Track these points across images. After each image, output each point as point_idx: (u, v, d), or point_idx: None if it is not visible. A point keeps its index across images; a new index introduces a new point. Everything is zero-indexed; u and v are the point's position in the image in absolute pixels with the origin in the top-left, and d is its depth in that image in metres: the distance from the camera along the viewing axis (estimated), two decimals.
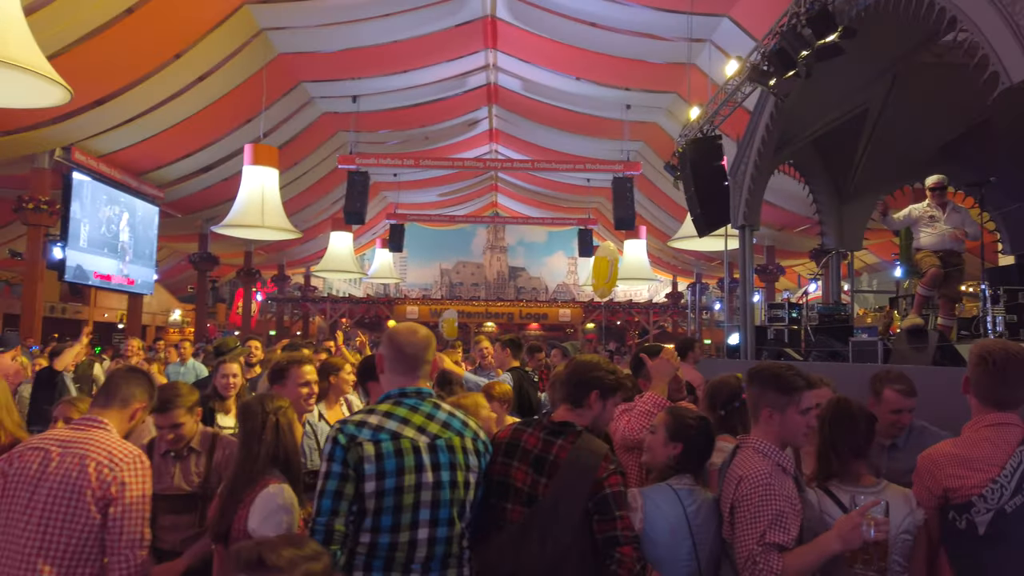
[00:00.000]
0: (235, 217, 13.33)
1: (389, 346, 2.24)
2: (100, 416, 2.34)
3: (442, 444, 2.13)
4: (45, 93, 5.88)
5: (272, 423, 2.42)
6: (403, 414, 2.13)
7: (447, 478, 2.10)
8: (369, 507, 2.00)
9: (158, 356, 9.52)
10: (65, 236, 13.64)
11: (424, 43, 14.99)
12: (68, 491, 2.14)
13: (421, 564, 2.05)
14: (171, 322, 26.71)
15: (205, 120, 15.00)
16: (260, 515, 2.21)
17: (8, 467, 2.21)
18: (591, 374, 2.40)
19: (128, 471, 2.21)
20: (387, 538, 2.01)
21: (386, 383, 2.24)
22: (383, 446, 2.04)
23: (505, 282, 38.80)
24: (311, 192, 21.56)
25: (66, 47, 10.60)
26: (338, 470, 2.01)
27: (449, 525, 2.09)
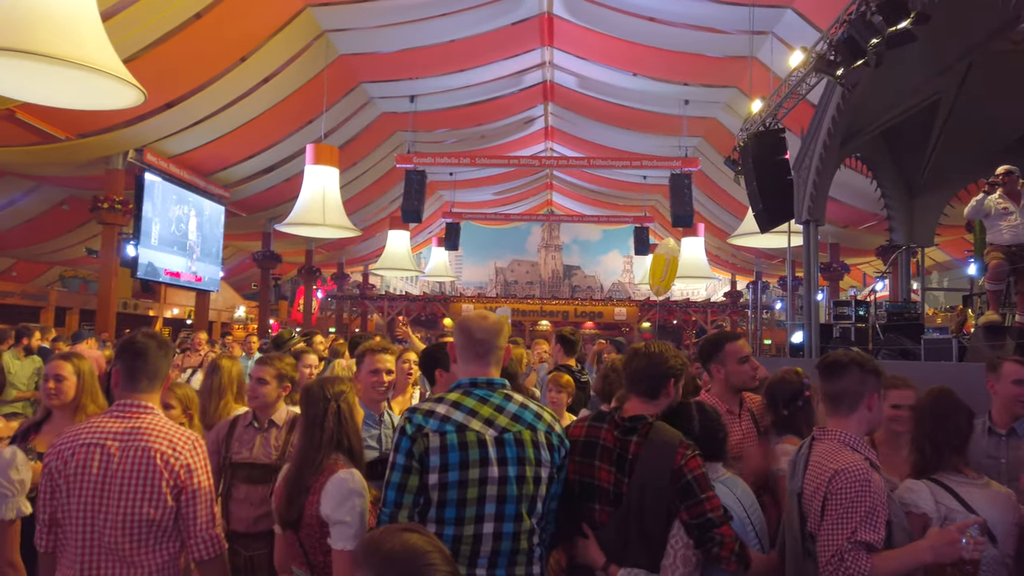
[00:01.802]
0: (297, 216, 13.65)
1: (460, 333, 2.24)
2: (144, 400, 2.30)
3: (510, 438, 2.10)
4: (121, 95, 6.13)
5: (334, 409, 2.41)
6: (471, 405, 2.12)
7: (513, 473, 2.06)
8: (433, 498, 2.01)
9: (226, 351, 9.82)
10: (137, 235, 14.19)
11: (481, 42, 15.07)
12: (142, 484, 2.15)
13: (487, 559, 2.03)
14: (236, 318, 27.51)
15: (269, 121, 15.40)
16: (334, 500, 2.23)
17: (63, 465, 2.18)
18: (667, 364, 2.36)
19: (191, 455, 2.23)
20: (451, 530, 2.00)
21: (458, 372, 2.23)
22: (448, 438, 2.03)
23: (560, 280, 38.70)
24: (370, 191, 21.92)
25: (139, 51, 11.02)
26: (403, 462, 2.02)
27: (516, 520, 2.06)
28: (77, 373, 3.01)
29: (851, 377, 2.25)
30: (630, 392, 2.39)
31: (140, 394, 2.28)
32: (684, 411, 2.43)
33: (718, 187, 19.60)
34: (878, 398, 2.24)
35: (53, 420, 3.01)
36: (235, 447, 2.99)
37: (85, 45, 5.57)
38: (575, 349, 5.40)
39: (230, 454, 2.98)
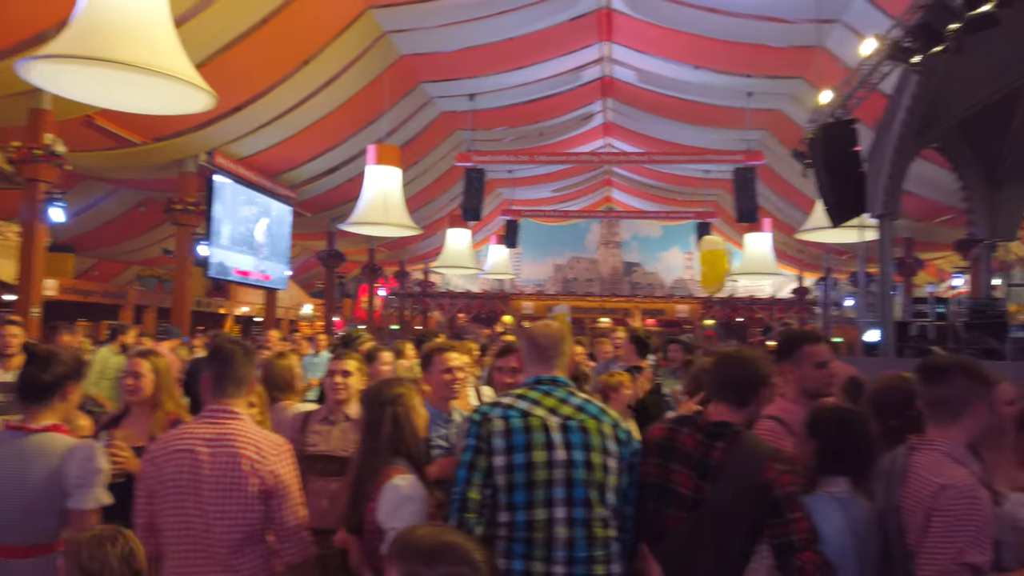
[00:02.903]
0: (360, 215, 13.89)
1: (525, 340, 2.30)
2: (231, 405, 2.34)
3: (574, 425, 2.12)
4: (194, 100, 6.33)
5: (390, 414, 2.40)
6: (535, 396, 2.16)
7: (580, 458, 2.07)
8: (501, 482, 2.03)
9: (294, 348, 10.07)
10: (209, 235, 14.69)
11: (539, 39, 15.03)
12: (231, 489, 2.20)
13: (564, 548, 2.02)
14: (302, 316, 28.24)
15: (332, 123, 15.70)
16: (387, 508, 2.24)
17: (158, 471, 2.26)
18: (759, 371, 2.28)
19: (278, 460, 2.27)
20: (523, 516, 2.02)
21: (524, 376, 2.30)
22: (512, 421, 2.08)
23: (620, 277, 38.30)
24: (430, 190, 22.13)
25: (209, 57, 11.36)
26: (472, 443, 2.08)
27: (586, 506, 2.05)
28: (154, 371, 3.11)
29: (955, 383, 2.10)
30: (717, 398, 2.32)
31: (228, 399, 2.34)
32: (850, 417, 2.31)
33: (784, 181, 19.07)
34: (985, 408, 2.09)
35: (131, 415, 3.12)
36: (310, 440, 3.05)
37: (160, 52, 5.77)
38: (648, 350, 5.30)
39: (305, 447, 3.04)
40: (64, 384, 2.34)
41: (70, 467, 2.21)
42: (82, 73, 6.10)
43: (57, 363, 2.33)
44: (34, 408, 2.32)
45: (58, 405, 2.34)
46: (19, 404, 2.33)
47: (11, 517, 2.19)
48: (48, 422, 2.30)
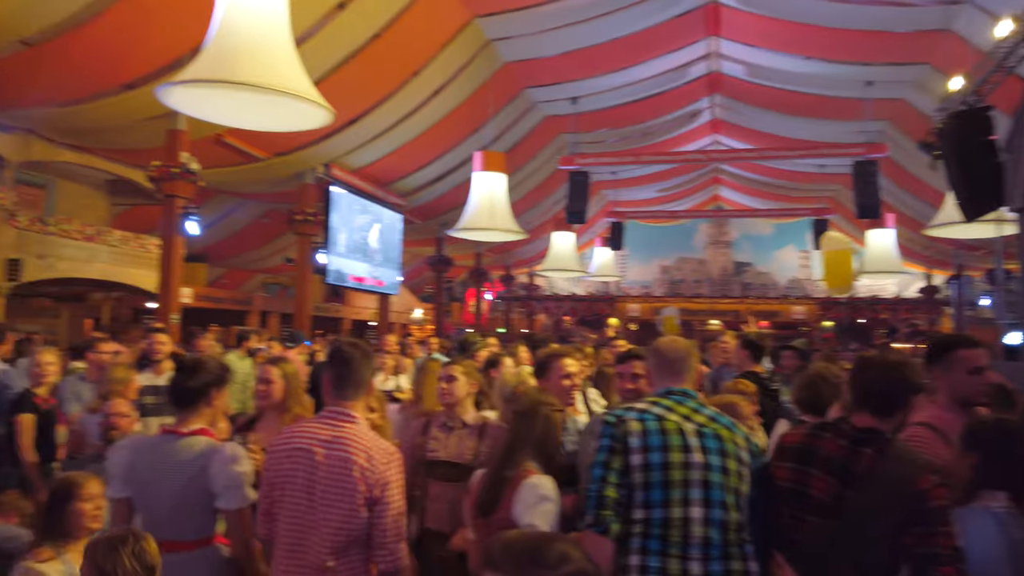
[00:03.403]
0: (467, 221, 14.15)
1: (654, 356, 2.35)
2: (348, 408, 2.40)
3: (709, 432, 2.14)
4: (314, 116, 6.67)
5: (543, 415, 2.52)
6: (668, 404, 2.20)
7: (717, 462, 2.08)
8: (637, 480, 2.06)
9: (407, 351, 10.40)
10: (327, 243, 15.42)
11: (643, 38, 14.84)
12: (339, 494, 2.27)
13: (700, 548, 2.02)
14: (413, 320, 29.09)
15: (439, 132, 16.12)
16: (525, 504, 2.31)
17: (278, 466, 2.36)
18: (908, 378, 2.17)
19: (388, 469, 2.31)
20: (659, 513, 2.03)
21: (653, 389, 2.35)
22: (648, 424, 2.12)
23: (730, 278, 37.13)
24: (534, 194, 22.29)
25: (325, 74, 11.94)
26: (606, 443, 2.11)
27: (723, 508, 2.05)
28: (284, 377, 3.30)
29: None
30: (863, 406, 2.21)
31: (346, 402, 2.41)
32: None
33: (908, 174, 17.92)
34: None
35: (264, 418, 3.33)
36: (431, 444, 3.14)
37: (283, 73, 6.12)
38: (762, 354, 5.11)
39: (426, 452, 3.13)
40: (209, 391, 2.53)
41: (217, 469, 2.38)
42: (214, 95, 6.57)
43: (203, 372, 2.53)
44: (184, 413, 2.52)
45: (205, 410, 2.53)
46: (171, 409, 2.55)
47: (166, 513, 2.39)
48: (196, 426, 2.49)
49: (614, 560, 2.01)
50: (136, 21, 9.91)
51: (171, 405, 2.54)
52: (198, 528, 2.43)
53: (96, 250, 15.95)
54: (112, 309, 19.38)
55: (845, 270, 15.97)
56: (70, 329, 18.10)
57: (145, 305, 17.89)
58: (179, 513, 2.39)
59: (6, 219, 13.78)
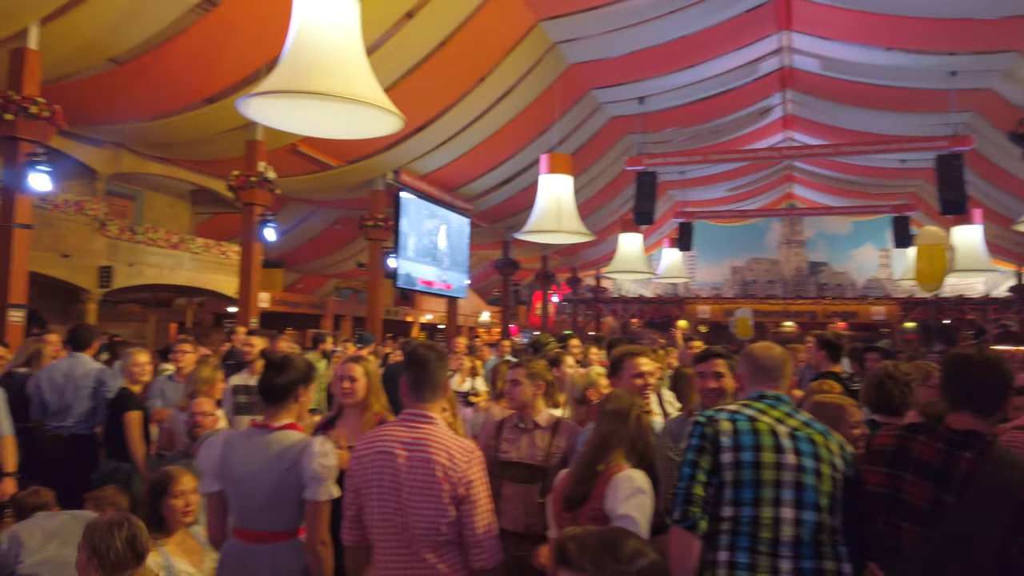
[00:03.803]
0: (534, 223, 14.18)
1: (747, 362, 2.33)
2: (426, 409, 2.43)
3: (802, 435, 2.10)
4: (386, 123, 6.82)
5: (635, 415, 2.54)
6: (760, 407, 2.19)
7: (811, 465, 2.04)
8: (727, 479, 2.04)
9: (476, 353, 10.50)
10: (397, 248, 15.72)
11: (711, 34, 14.59)
12: (425, 494, 2.30)
13: (791, 546, 1.98)
14: (480, 323, 29.33)
15: (506, 136, 16.23)
16: (619, 495, 2.33)
17: (363, 470, 2.39)
18: (1010, 377, 2.09)
19: (471, 468, 2.33)
20: (749, 511, 2.01)
21: (747, 392, 2.33)
22: (739, 424, 2.11)
23: (804, 278, 36.03)
24: (601, 195, 22.18)
25: (395, 82, 12.20)
26: (696, 443, 2.11)
27: (816, 510, 2.01)
28: (366, 375, 3.40)
29: None
30: (961, 407, 2.13)
31: (424, 403, 2.44)
32: None
33: (995, 166, 17.04)
34: None
35: (345, 416, 3.41)
36: (503, 446, 3.17)
37: (355, 82, 6.28)
38: (841, 354, 4.95)
39: (499, 452, 3.16)
40: (297, 387, 2.63)
41: (306, 462, 2.46)
42: (290, 106, 6.79)
43: (290, 369, 2.63)
44: (273, 408, 2.62)
45: (292, 406, 2.63)
46: (261, 405, 2.66)
47: (257, 505, 2.49)
48: (285, 421, 2.59)
49: (701, 556, 2.01)
50: (216, 37, 10.36)
51: (260, 401, 2.65)
52: (289, 520, 2.51)
53: (180, 257, 16.70)
54: (195, 314, 20.25)
55: (939, 266, 15.20)
56: (157, 333, 19.00)
57: (226, 310, 18.61)
58: (271, 505, 2.48)
59: (98, 229, 14.58)
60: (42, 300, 14.25)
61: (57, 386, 5.03)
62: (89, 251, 14.30)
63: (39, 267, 12.24)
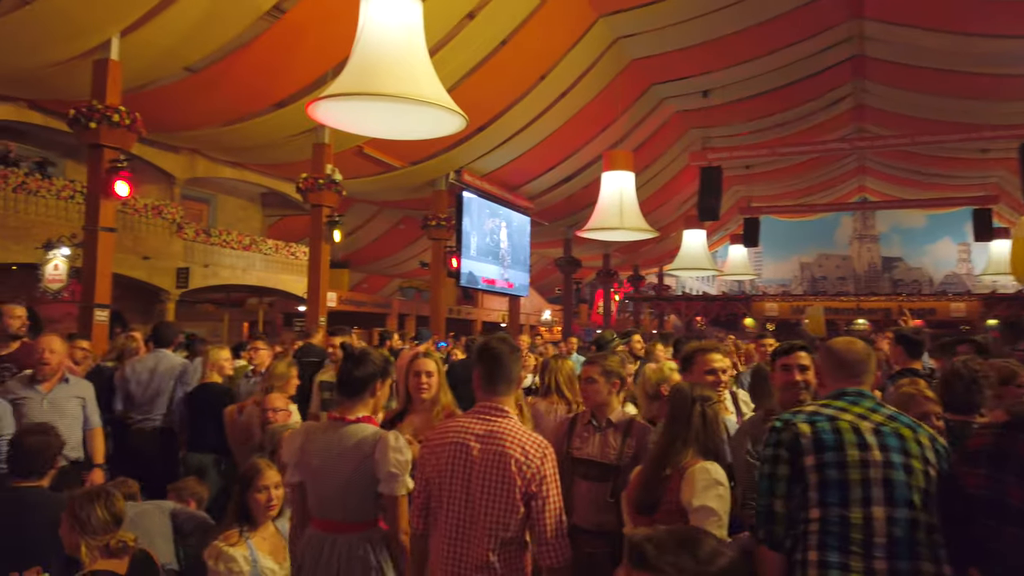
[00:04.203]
0: (596, 221, 14.11)
1: (827, 357, 2.25)
2: (501, 403, 2.42)
3: (888, 430, 2.01)
4: (449, 123, 6.89)
5: (698, 411, 2.48)
6: (840, 405, 2.10)
7: (899, 460, 1.96)
8: (812, 480, 1.97)
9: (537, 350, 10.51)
10: (459, 247, 15.86)
11: (778, 25, 14.19)
12: (497, 489, 2.29)
13: (884, 547, 1.90)
14: (542, 321, 29.35)
15: (567, 133, 16.18)
16: (697, 487, 2.29)
17: (435, 460, 2.40)
18: None
19: (544, 463, 2.31)
20: (837, 512, 1.94)
21: (824, 392, 2.25)
22: (818, 424, 2.03)
23: (878, 274, 34.82)
24: (663, 192, 21.89)
25: (457, 82, 12.30)
26: (771, 453, 2.04)
27: (909, 507, 1.93)
28: (438, 370, 3.45)
29: None
30: None
31: (498, 397, 2.44)
32: None
33: None
34: None
35: (414, 410, 3.44)
36: (576, 443, 3.15)
37: (420, 83, 6.37)
38: (920, 349, 4.72)
39: (571, 449, 3.15)
40: (374, 381, 2.67)
41: (381, 455, 2.50)
42: (356, 108, 6.93)
43: (368, 363, 2.68)
44: (350, 401, 2.67)
45: (368, 399, 2.67)
46: (338, 398, 2.71)
47: (332, 496, 2.54)
48: (361, 414, 2.64)
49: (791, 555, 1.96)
50: (285, 43, 10.66)
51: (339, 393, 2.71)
52: (364, 511, 2.56)
53: (252, 258, 17.26)
54: (266, 313, 20.89)
55: None
56: (230, 332, 19.69)
57: (295, 309, 19.13)
58: (346, 496, 2.53)
59: (175, 232, 15.19)
60: (124, 300, 14.92)
61: (143, 380, 5.28)
62: (167, 253, 14.92)
63: (121, 269, 12.83)
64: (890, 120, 19.98)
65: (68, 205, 12.69)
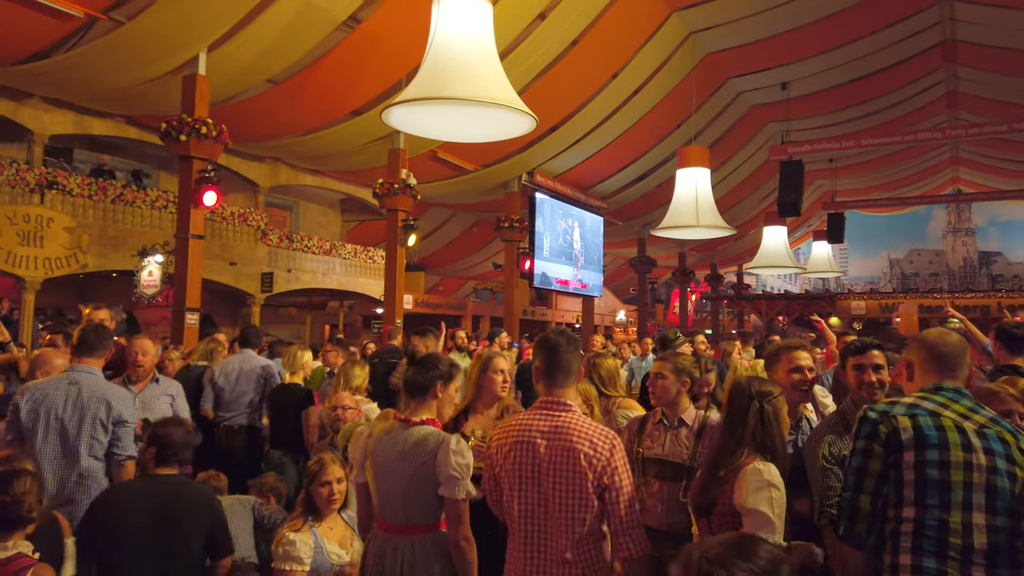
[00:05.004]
0: (671, 219, 13.86)
1: (921, 349, 2.13)
2: (562, 396, 2.42)
3: (992, 434, 1.88)
4: (519, 125, 6.91)
5: (755, 408, 2.38)
6: (940, 400, 1.97)
7: (1004, 467, 1.83)
8: (908, 478, 1.86)
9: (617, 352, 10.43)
10: (532, 248, 15.89)
11: (862, 11, 13.61)
12: (569, 484, 2.28)
13: (984, 556, 1.79)
14: (617, 322, 29.07)
15: (640, 131, 15.99)
16: (748, 488, 2.21)
17: (502, 459, 2.40)
18: None
19: (612, 454, 2.29)
20: (936, 515, 1.82)
21: (916, 387, 2.12)
22: (920, 419, 1.91)
23: (974, 270, 32.99)
24: (742, 188, 21.36)
25: (528, 84, 12.34)
26: (863, 446, 1.94)
27: (1013, 516, 1.80)
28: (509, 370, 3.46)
29: None
30: None
31: (557, 389, 2.43)
32: None
33: None
34: None
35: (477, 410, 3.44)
36: (647, 443, 3.11)
37: (490, 86, 6.41)
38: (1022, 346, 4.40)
39: (642, 448, 3.10)
40: (435, 383, 2.71)
41: (441, 459, 2.52)
42: (430, 113, 7.05)
43: (431, 367, 2.72)
44: (414, 403, 2.72)
45: (431, 402, 2.71)
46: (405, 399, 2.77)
47: (394, 497, 2.57)
48: (424, 416, 2.68)
49: (879, 558, 1.86)
50: (361, 52, 10.94)
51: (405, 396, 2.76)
52: (426, 514, 2.57)
53: (332, 263, 17.78)
54: (346, 316, 21.48)
55: None
56: (312, 334, 20.33)
57: (374, 311, 19.59)
58: (407, 498, 2.55)
59: (260, 238, 15.81)
60: (213, 305, 15.64)
61: (231, 380, 5.54)
62: (252, 259, 15.53)
63: (210, 274, 13.44)
64: (985, 107, 18.87)
65: (162, 215, 13.39)
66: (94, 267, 12.25)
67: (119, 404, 3.51)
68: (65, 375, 3.55)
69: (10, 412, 3.50)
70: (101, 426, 3.45)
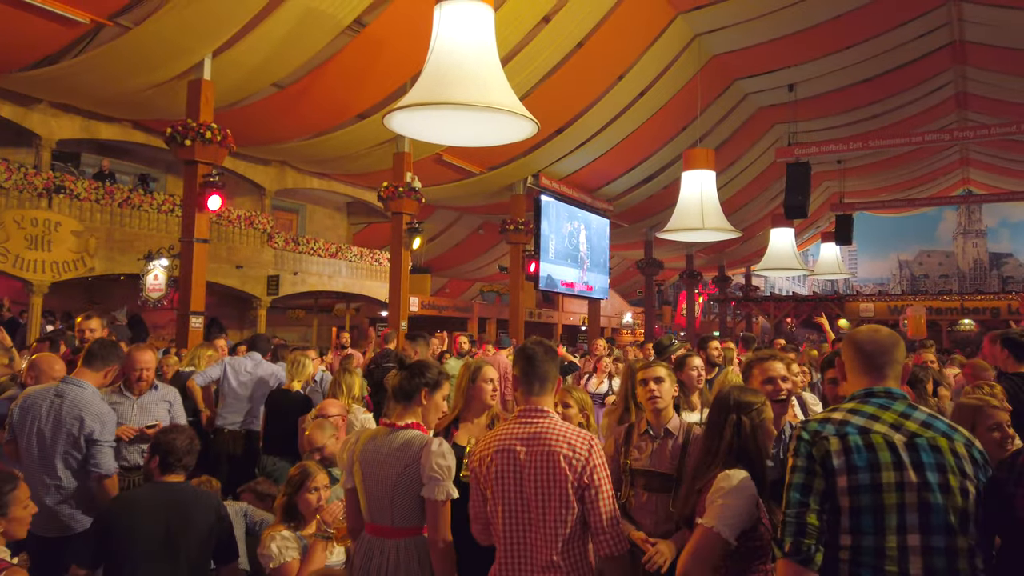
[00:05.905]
0: (676, 222, 13.83)
1: (848, 348, 2.04)
2: (540, 403, 2.44)
3: (923, 443, 1.81)
4: (520, 128, 6.92)
5: (732, 421, 2.36)
6: (870, 411, 1.88)
7: (935, 480, 1.76)
8: (844, 504, 1.79)
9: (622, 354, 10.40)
10: (537, 251, 15.89)
11: (869, 12, 13.55)
12: (551, 487, 2.30)
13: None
14: (623, 324, 29.00)
15: (646, 133, 15.96)
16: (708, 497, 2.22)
17: (484, 471, 2.43)
18: None
19: (591, 454, 2.32)
20: (872, 541, 1.76)
21: (849, 388, 2.03)
22: (850, 439, 1.83)
23: (984, 271, 32.77)
24: (748, 190, 21.30)
25: (532, 87, 12.35)
26: (803, 464, 1.85)
27: (947, 534, 1.75)
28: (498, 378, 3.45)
29: None
30: None
31: (535, 397, 2.46)
32: None
33: None
34: None
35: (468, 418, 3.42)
36: (634, 453, 3.08)
37: (491, 91, 6.42)
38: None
39: (629, 460, 3.08)
40: (421, 390, 2.73)
41: (425, 460, 2.55)
42: (432, 117, 7.06)
43: (418, 373, 2.75)
44: (400, 408, 2.75)
45: (416, 407, 2.74)
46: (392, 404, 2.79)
47: (381, 500, 2.60)
48: (410, 420, 2.70)
49: None
50: (366, 56, 10.98)
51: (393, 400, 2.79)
52: (411, 516, 2.60)
53: (338, 265, 17.82)
54: (353, 318, 21.52)
55: None
56: (319, 336, 20.38)
57: (380, 313, 19.64)
58: (393, 501, 2.59)
59: (266, 241, 15.87)
60: (220, 308, 15.70)
61: (244, 381, 5.57)
62: (259, 262, 15.59)
63: (216, 278, 13.49)
64: (994, 107, 18.75)
65: (168, 218, 13.46)
66: (101, 270, 12.33)
67: (93, 422, 3.45)
68: (56, 386, 3.56)
69: (8, 415, 3.56)
70: (73, 441, 3.43)
